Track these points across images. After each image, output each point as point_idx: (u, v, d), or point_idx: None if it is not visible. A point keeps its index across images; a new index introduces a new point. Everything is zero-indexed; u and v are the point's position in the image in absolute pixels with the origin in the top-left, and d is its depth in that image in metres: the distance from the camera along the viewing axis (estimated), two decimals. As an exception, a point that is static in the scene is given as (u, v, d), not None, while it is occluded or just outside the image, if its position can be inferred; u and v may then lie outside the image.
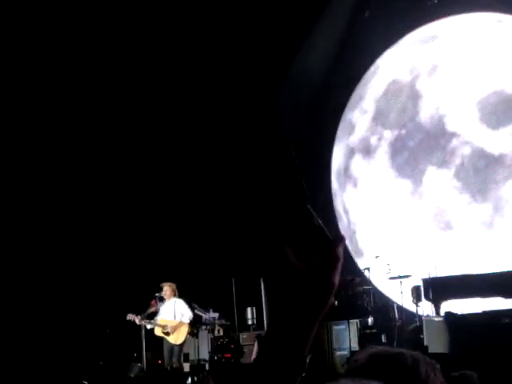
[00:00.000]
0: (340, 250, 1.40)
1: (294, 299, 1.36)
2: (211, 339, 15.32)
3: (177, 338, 14.24)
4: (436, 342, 12.08)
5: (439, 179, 16.86)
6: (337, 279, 1.40)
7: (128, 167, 17.11)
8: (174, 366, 14.06)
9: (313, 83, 18.03)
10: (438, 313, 12.99)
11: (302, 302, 1.37)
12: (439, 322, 12.62)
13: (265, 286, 1.40)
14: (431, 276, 13.99)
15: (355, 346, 14.02)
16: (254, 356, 1.42)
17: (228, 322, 16.07)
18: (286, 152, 1.37)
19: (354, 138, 18.45)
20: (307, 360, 1.38)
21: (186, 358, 15.18)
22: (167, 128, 17.35)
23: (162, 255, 16.50)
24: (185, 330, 14.33)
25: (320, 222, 1.39)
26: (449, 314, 12.81)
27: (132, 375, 14.52)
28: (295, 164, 1.37)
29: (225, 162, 17.23)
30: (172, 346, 14.21)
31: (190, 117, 17.46)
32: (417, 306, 14.44)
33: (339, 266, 1.40)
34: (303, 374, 1.39)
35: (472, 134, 16.51)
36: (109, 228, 16.65)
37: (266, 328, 1.40)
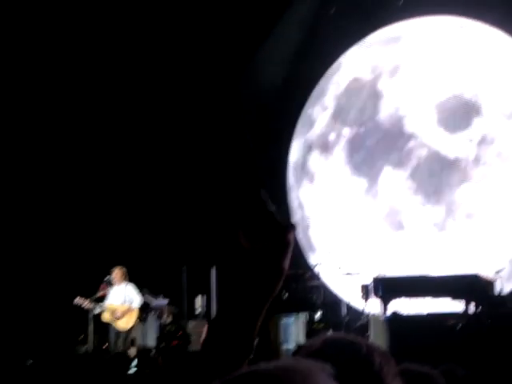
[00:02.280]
0: (291, 237, 1.41)
1: (244, 282, 1.38)
2: (159, 325, 15.29)
3: (125, 323, 14.16)
4: (381, 341, 12.17)
5: (394, 179, 17.00)
6: (286, 264, 1.42)
7: (82, 152, 17.01)
8: (120, 350, 13.99)
9: (275, 77, 18.04)
10: (385, 312, 13.08)
11: (252, 286, 1.38)
12: (385, 320, 12.72)
13: (217, 268, 1.42)
14: (381, 275, 14.09)
15: (302, 340, 14.09)
16: (202, 338, 1.43)
17: (177, 309, 16.05)
18: (242, 140, 1.38)
19: (313, 134, 18.51)
20: (255, 343, 1.40)
21: (133, 344, 15.13)
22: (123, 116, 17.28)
23: (113, 239, 16.42)
24: (134, 315, 14.26)
25: (273, 208, 1.40)
26: (395, 314, 12.92)
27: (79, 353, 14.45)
28: (250, 152, 1.38)
29: (178, 148, 17.18)
30: (119, 331, 14.14)
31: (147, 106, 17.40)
32: (365, 303, 14.55)
33: (289, 251, 1.41)
34: (251, 357, 1.41)
35: (429, 136, 16.66)
36: (61, 210, 16.53)
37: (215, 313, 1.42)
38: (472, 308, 12.33)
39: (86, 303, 13.99)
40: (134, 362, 12.98)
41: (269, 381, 1.09)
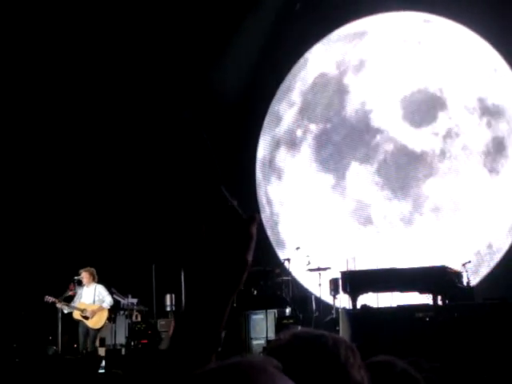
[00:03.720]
0: (253, 229, 1.44)
1: (209, 276, 1.40)
2: (129, 324, 15.24)
3: (95, 322, 14.10)
4: (350, 334, 12.24)
5: (361, 174, 17.10)
6: (250, 256, 1.44)
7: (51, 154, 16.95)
8: (89, 349, 13.93)
9: (241, 73, 18.05)
10: (354, 306, 13.16)
11: (217, 279, 1.40)
12: (354, 314, 12.80)
13: (182, 263, 1.43)
14: (349, 269, 14.18)
15: (272, 336, 14.12)
16: (170, 332, 1.44)
17: (146, 308, 16.01)
18: (199, 136, 1.40)
19: (280, 130, 18.54)
20: (222, 336, 1.42)
21: (103, 343, 15.07)
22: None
23: (81, 239, 16.36)
24: (104, 315, 14.20)
25: (234, 202, 1.42)
26: (364, 307, 13.00)
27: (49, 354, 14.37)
28: (208, 147, 1.40)
29: (142, 147, 17.18)
30: (88, 330, 14.07)
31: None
32: (334, 298, 14.63)
33: (252, 244, 1.43)
34: (219, 349, 1.42)
35: (395, 130, 16.78)
36: (31, 210, 16.44)
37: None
38: (440, 300, 12.44)
39: (57, 302, 13.92)
40: (103, 363, 12.92)
41: (224, 378, 1.11)
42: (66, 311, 14.06)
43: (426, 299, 12.65)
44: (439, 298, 12.42)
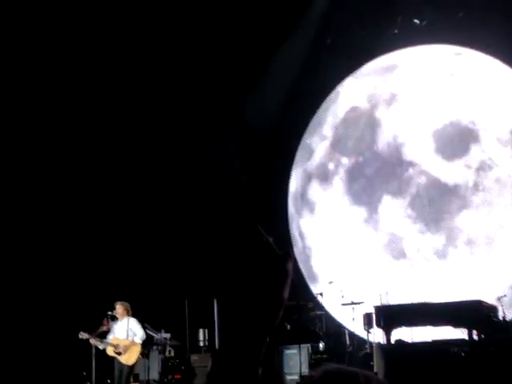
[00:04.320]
0: (289, 266, 1.44)
1: (246, 313, 1.40)
2: (162, 360, 15.22)
3: (128, 358, 14.06)
4: (385, 369, 12.13)
5: (394, 208, 17.02)
6: (286, 294, 1.44)
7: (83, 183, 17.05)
8: (123, 386, 13.92)
9: (273, 106, 18.13)
10: (388, 340, 13.05)
11: (253, 316, 1.40)
12: (389, 349, 12.69)
13: (217, 300, 1.43)
14: (383, 303, 14.09)
15: (305, 371, 14.04)
16: (208, 370, 1.45)
17: (179, 343, 16.00)
18: (233, 172, 1.40)
19: (312, 164, 18.55)
20: (259, 373, 1.42)
21: (136, 379, 15.05)
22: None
23: (115, 274, 16.40)
24: (136, 350, 14.16)
25: (270, 239, 1.42)
26: (399, 342, 12.89)
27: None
28: (242, 183, 1.40)
29: (177, 184, 17.24)
30: (122, 366, 14.04)
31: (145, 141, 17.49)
32: (368, 332, 14.52)
33: (288, 281, 1.43)
34: None
35: (428, 163, 16.71)
36: (66, 246, 16.53)
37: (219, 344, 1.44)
38: (475, 335, 12.30)
39: (90, 338, 13.93)
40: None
41: None
42: (101, 347, 14.06)
43: (461, 334, 12.51)
44: (474, 332, 12.28)
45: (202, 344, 16.43)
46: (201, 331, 16.47)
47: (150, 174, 17.42)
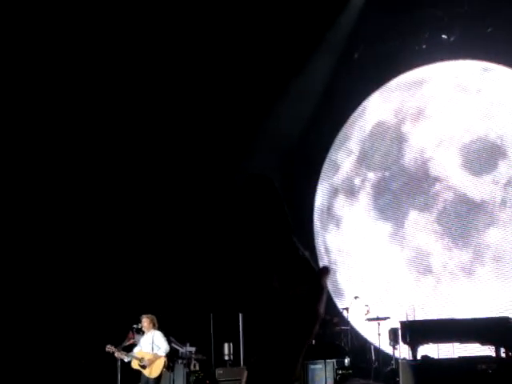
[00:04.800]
0: (325, 281, 1.44)
1: (282, 327, 1.40)
2: (187, 373, 15.20)
3: (152, 371, 14.06)
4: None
5: (421, 223, 16.95)
6: (322, 308, 1.44)
7: (112, 194, 17.13)
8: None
9: (300, 121, 18.14)
10: (414, 356, 12.97)
11: (289, 330, 1.40)
12: (415, 365, 12.61)
13: (254, 314, 1.43)
14: (409, 319, 14.01)
15: (331, 387, 13.99)
16: (243, 382, 1.45)
17: (204, 357, 15.97)
18: (271, 187, 1.41)
19: (338, 178, 18.53)
20: None
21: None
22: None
23: (142, 287, 16.43)
24: (160, 363, 14.16)
25: (306, 253, 1.42)
26: (425, 358, 12.82)
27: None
28: (280, 198, 1.41)
29: (208, 197, 17.29)
30: (147, 379, 14.05)
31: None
32: (394, 348, 14.43)
33: (324, 295, 1.43)
34: None
35: (455, 179, 16.64)
36: (88, 259, 16.59)
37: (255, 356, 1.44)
38: (503, 352, 12.20)
39: (116, 351, 13.95)
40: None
41: None
42: (126, 360, 14.08)
43: (489, 351, 12.42)
44: (502, 349, 12.19)
45: (226, 358, 16.39)
46: (226, 345, 16.43)
47: (181, 187, 17.48)
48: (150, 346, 14.11)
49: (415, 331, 13.20)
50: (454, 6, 17.01)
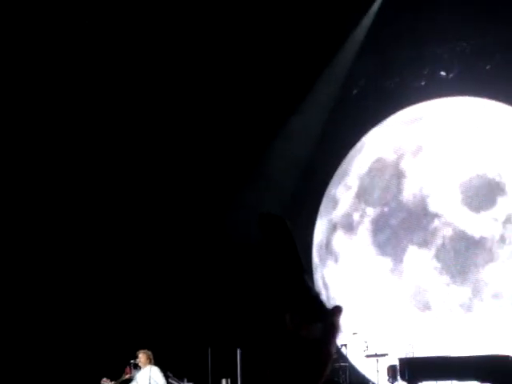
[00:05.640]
0: (338, 320, 1.43)
1: (294, 366, 1.39)
2: (184, 410, 15.11)
3: (150, 406, 13.98)
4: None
5: (420, 259, 16.93)
6: (333, 349, 1.43)
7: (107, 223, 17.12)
8: None
9: (298, 157, 18.19)
10: (413, 393, 12.91)
11: (302, 370, 1.39)
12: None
13: (265, 354, 1.42)
14: (408, 356, 13.95)
15: (329, 424, 13.89)
16: None
17: (202, 393, 15.88)
18: (283, 226, 1.41)
19: (337, 214, 18.53)
20: None
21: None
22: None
23: (138, 322, 16.37)
24: (159, 399, 14.09)
25: (317, 292, 1.42)
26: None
27: None
28: (292, 238, 1.41)
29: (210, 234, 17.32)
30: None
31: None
32: (392, 385, 14.36)
33: (337, 334, 1.43)
34: None
35: (454, 215, 16.65)
36: (84, 293, 16.54)
37: None
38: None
39: (111, 386, 13.88)
40: None
41: None
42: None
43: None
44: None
45: (224, 394, 16.32)
46: (223, 381, 16.34)
47: (177, 218, 17.51)
48: (148, 381, 14.03)
49: (414, 368, 13.15)
50: (453, 44, 17.13)
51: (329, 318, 1.42)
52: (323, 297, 1.43)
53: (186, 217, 17.58)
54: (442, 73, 17.39)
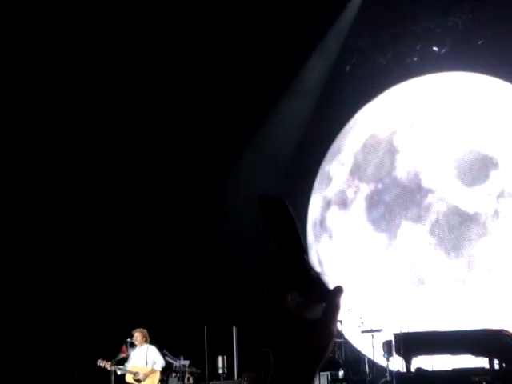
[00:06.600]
0: (339, 300, 1.44)
1: (296, 346, 1.40)
2: (181, 387, 15.17)
3: (148, 385, 14.02)
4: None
5: (414, 234, 16.98)
6: (335, 328, 1.44)
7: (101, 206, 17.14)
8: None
9: (292, 134, 18.18)
10: (408, 368, 12.97)
11: (304, 349, 1.41)
12: (408, 377, 12.61)
13: (267, 334, 1.44)
14: (403, 331, 14.00)
15: (325, 400, 13.99)
16: None
17: (198, 370, 15.93)
18: (283, 207, 1.42)
19: (331, 190, 18.56)
20: None
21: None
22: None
23: (134, 300, 16.41)
24: (156, 377, 14.12)
25: (318, 272, 1.43)
26: (419, 370, 12.81)
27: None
28: (291, 217, 1.42)
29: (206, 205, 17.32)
30: (142, 393, 14.01)
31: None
32: (387, 360, 14.42)
33: (338, 314, 1.44)
34: None
35: (447, 191, 16.68)
36: (83, 273, 16.57)
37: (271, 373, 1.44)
38: (497, 364, 12.20)
39: (107, 365, 13.90)
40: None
41: None
42: (119, 372, 14.02)
43: (482, 363, 12.41)
44: (496, 361, 12.19)
45: (220, 371, 16.38)
46: (220, 358, 16.42)
47: (173, 194, 17.54)
48: (145, 360, 14.06)
49: (409, 343, 13.20)
50: (445, 19, 17.09)
51: (330, 298, 1.43)
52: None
53: (181, 195, 17.59)
54: (435, 48, 17.36)
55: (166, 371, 14.90)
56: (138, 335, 14.13)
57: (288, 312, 1.41)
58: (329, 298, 1.43)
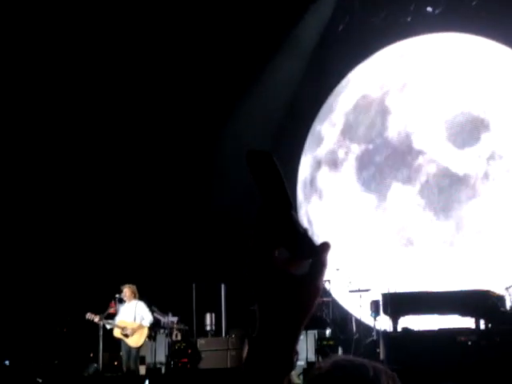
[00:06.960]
0: (326, 256, 1.44)
1: (282, 302, 1.41)
2: (169, 343, 15.28)
3: (136, 340, 14.11)
4: (391, 357, 12.16)
5: (404, 195, 17.02)
6: (322, 283, 1.45)
7: (92, 167, 17.13)
8: (131, 368, 13.97)
9: (283, 93, 18.13)
10: (395, 328, 13.06)
11: (290, 305, 1.42)
12: (395, 336, 12.71)
13: (254, 289, 1.44)
14: (390, 291, 14.08)
15: (312, 357, 14.09)
16: (244, 356, 1.47)
17: (186, 327, 16.04)
18: (270, 162, 1.41)
19: (322, 150, 18.54)
20: (294, 359, 1.44)
21: (143, 361, 15.11)
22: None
23: (122, 256, 16.46)
24: (144, 333, 14.22)
25: (305, 228, 1.42)
26: (406, 330, 12.91)
27: (86, 375, 14.46)
28: (280, 174, 1.41)
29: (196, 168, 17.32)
30: (130, 349, 14.10)
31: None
32: (375, 320, 14.53)
33: (325, 271, 1.45)
34: (291, 372, 1.46)
35: (438, 152, 16.68)
36: (71, 227, 16.60)
37: (256, 329, 1.45)
38: (482, 324, 12.31)
39: (96, 319, 13.98)
40: (146, 382, 13.00)
41: None
42: (108, 326, 14.12)
43: (469, 323, 12.52)
44: (482, 322, 12.30)
45: (208, 328, 16.49)
46: (208, 315, 16.53)
47: (163, 156, 17.52)
48: (133, 315, 14.15)
49: (396, 303, 13.27)
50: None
51: (317, 254, 1.44)
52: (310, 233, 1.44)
53: (172, 151, 17.57)
54: (429, 8, 17.26)
55: (154, 327, 14.99)
56: (126, 291, 14.20)
57: (274, 267, 1.41)
58: (316, 254, 1.44)
